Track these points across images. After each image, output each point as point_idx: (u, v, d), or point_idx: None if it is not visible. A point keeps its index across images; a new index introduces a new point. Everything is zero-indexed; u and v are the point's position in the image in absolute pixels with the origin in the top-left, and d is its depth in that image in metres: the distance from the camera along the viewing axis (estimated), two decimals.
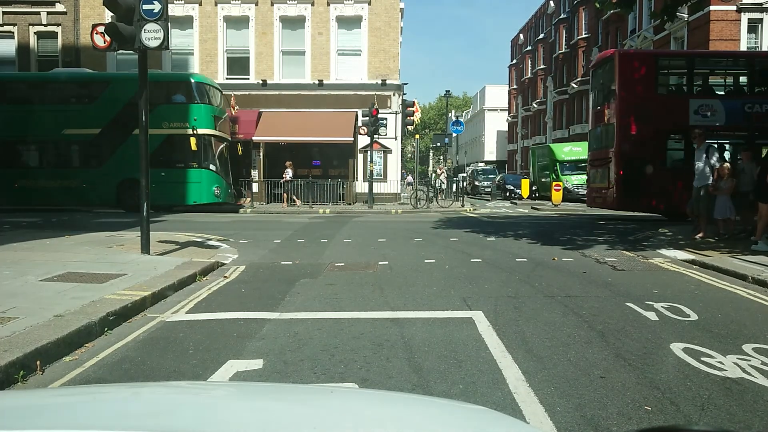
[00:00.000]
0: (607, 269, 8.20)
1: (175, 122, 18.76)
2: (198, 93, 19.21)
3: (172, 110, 18.95)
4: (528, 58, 60.95)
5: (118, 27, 8.23)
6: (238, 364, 4.15)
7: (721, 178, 10.33)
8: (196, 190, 19.05)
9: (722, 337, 4.80)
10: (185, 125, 18.68)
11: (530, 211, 22.44)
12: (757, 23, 24.17)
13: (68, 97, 19.91)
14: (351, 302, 6.13)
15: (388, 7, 24.29)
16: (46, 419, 1.24)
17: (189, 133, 18.60)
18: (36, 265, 7.53)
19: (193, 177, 19.02)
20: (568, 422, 3.18)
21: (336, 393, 1.86)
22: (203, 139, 18.92)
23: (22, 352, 3.97)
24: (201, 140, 18.80)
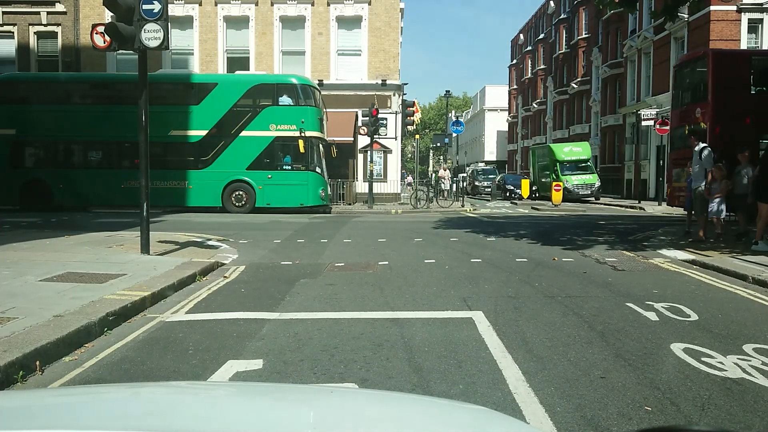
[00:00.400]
0: (607, 269, 8.19)
1: (282, 124, 18.68)
2: (304, 95, 19.20)
3: (280, 112, 18.91)
4: (528, 58, 60.95)
5: (118, 27, 8.22)
6: (237, 364, 4.14)
7: (714, 180, 10.30)
8: (303, 192, 19.01)
9: (722, 337, 4.80)
10: (292, 127, 18.59)
11: (530, 211, 22.44)
12: (757, 23, 24.16)
13: (175, 98, 19.95)
14: (351, 302, 6.13)
15: (388, 7, 24.29)
16: (45, 419, 1.24)
17: (297, 135, 18.54)
18: (36, 265, 7.53)
19: (300, 179, 18.94)
20: (568, 422, 3.17)
21: (336, 393, 1.86)
22: (310, 141, 18.87)
23: (22, 352, 3.96)
24: (308, 142, 18.75)
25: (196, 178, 19.00)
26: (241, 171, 18.77)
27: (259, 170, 18.79)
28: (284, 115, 18.79)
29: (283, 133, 18.64)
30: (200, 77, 20.41)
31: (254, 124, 18.74)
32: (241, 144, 18.76)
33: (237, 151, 18.78)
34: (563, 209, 22.65)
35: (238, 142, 18.78)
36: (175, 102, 19.69)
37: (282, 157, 19.11)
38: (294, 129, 18.54)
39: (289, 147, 18.84)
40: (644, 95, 29.87)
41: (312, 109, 19.18)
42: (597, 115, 40.29)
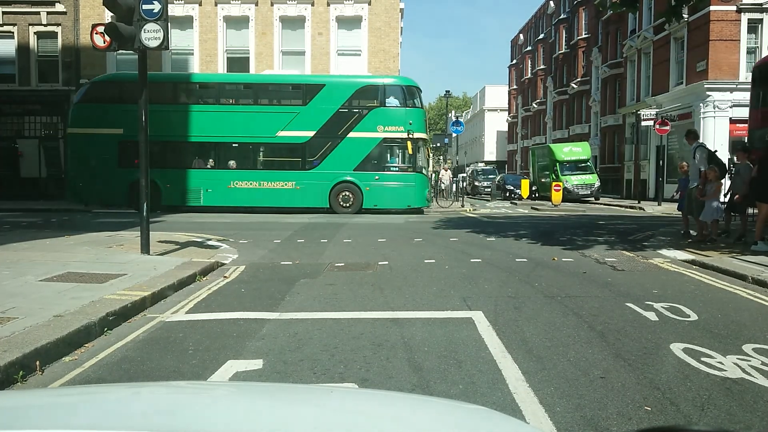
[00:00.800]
0: (607, 269, 8.20)
1: (389, 125, 18.71)
2: (411, 96, 19.25)
3: (387, 113, 18.94)
4: (528, 59, 60.95)
5: (118, 27, 8.22)
6: (237, 364, 4.14)
7: (709, 181, 10.24)
8: (410, 193, 19.07)
9: (722, 337, 4.80)
10: (400, 129, 18.65)
11: (530, 211, 22.44)
12: (757, 23, 24.14)
13: (282, 99, 20.05)
14: (351, 302, 6.13)
15: (388, 7, 24.29)
16: (45, 419, 1.24)
17: (404, 136, 18.62)
18: (36, 265, 7.53)
19: (408, 181, 18.99)
20: (568, 422, 3.17)
21: (336, 393, 1.86)
22: (417, 142, 18.92)
23: (22, 352, 3.96)
24: (415, 144, 18.81)
25: (304, 179, 19.02)
26: (348, 172, 18.86)
27: (366, 171, 18.87)
28: (392, 117, 18.84)
29: (390, 134, 18.73)
30: (308, 78, 20.45)
31: (361, 126, 18.78)
32: (349, 145, 18.84)
33: (344, 153, 18.84)
34: (563, 209, 22.66)
35: (345, 144, 18.83)
36: (283, 103, 19.82)
37: (389, 159, 19.22)
38: (401, 130, 18.62)
39: (397, 148, 19.00)
40: (644, 95, 29.88)
41: (419, 110, 19.32)
42: (597, 115, 40.30)
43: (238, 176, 19.22)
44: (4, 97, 24.41)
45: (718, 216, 10.35)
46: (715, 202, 10.12)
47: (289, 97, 20.01)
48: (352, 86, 19.26)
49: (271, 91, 19.96)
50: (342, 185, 18.87)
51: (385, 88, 19.32)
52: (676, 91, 26.28)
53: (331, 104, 18.90)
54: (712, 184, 10.14)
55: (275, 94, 20.06)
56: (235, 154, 19.70)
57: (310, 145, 19.05)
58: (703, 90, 23.70)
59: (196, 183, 19.14)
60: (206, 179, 19.17)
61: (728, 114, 23.57)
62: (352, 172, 18.83)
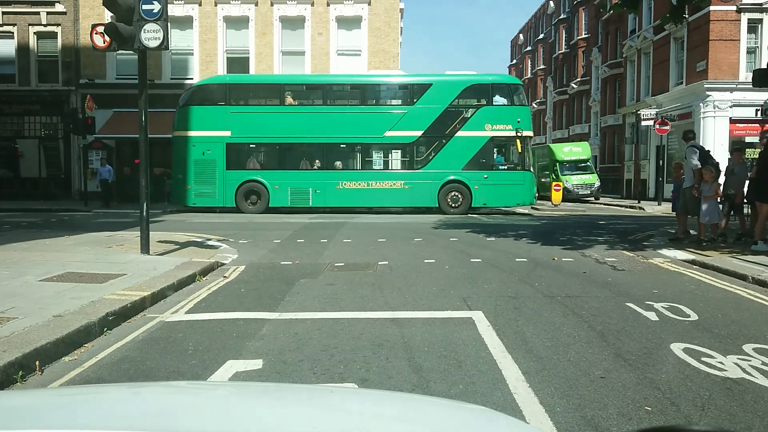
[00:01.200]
0: (607, 269, 8.19)
1: (497, 124, 18.66)
2: (518, 94, 19.26)
3: (495, 112, 18.90)
4: (528, 58, 60.97)
5: (118, 27, 8.21)
6: (237, 364, 4.14)
7: (705, 181, 10.14)
8: (519, 192, 19.05)
9: (722, 337, 4.80)
10: (508, 127, 18.61)
11: (530, 210, 22.43)
12: (757, 23, 24.14)
13: (389, 99, 20.02)
14: (351, 302, 6.13)
15: (388, 7, 24.30)
16: (45, 419, 1.24)
17: (513, 135, 18.57)
18: (35, 265, 7.53)
19: (517, 179, 18.94)
20: (568, 422, 3.17)
21: (336, 393, 1.86)
22: (526, 140, 18.90)
23: (21, 352, 3.96)
24: (524, 142, 18.79)
25: (412, 179, 18.97)
26: (456, 171, 18.83)
27: (475, 170, 18.82)
28: (500, 115, 18.81)
29: (499, 132, 18.69)
30: (416, 78, 20.47)
31: (469, 124, 18.76)
32: (457, 144, 18.81)
33: (452, 152, 18.80)
34: (563, 209, 22.66)
35: (453, 143, 18.79)
36: (390, 103, 19.81)
37: (498, 157, 19.19)
38: (510, 129, 18.58)
39: (505, 147, 18.99)
40: (644, 95, 29.88)
41: (526, 108, 19.39)
42: (597, 115, 40.31)
43: (346, 177, 19.19)
44: (4, 97, 24.41)
45: (717, 219, 10.28)
46: (713, 203, 10.07)
47: (397, 97, 19.97)
48: (460, 85, 19.18)
49: (379, 91, 19.94)
50: (450, 185, 18.81)
51: (492, 86, 19.26)
52: (676, 91, 26.29)
53: (438, 103, 18.83)
54: (709, 185, 10.08)
55: (382, 94, 20.04)
56: (343, 154, 19.77)
57: (417, 144, 19.01)
58: (703, 90, 23.70)
59: (305, 184, 19.09)
60: (315, 180, 19.10)
61: (728, 114, 23.58)
62: (460, 172, 18.79)
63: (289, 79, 21.12)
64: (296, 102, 19.68)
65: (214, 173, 18.88)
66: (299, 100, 19.86)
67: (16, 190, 24.09)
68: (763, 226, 9.24)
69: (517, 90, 19.47)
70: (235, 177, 18.84)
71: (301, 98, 20.06)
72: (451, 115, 18.81)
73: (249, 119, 18.96)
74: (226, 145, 18.88)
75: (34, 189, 24.42)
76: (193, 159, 18.90)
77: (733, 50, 23.91)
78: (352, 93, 20.08)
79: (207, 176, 18.86)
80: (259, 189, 18.93)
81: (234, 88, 19.52)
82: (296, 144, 19.41)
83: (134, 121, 10.11)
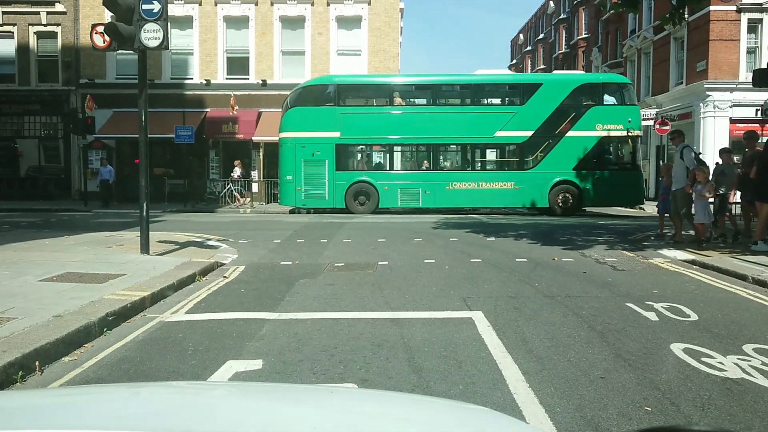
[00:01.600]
0: (607, 269, 8.19)
1: (608, 124, 18.46)
2: (628, 94, 19.09)
3: (606, 112, 18.72)
4: (528, 58, 60.96)
5: (118, 27, 8.22)
6: (237, 364, 4.14)
7: (698, 182, 10.16)
8: (631, 191, 18.92)
9: (722, 337, 4.80)
10: (619, 127, 18.46)
11: (530, 210, 22.40)
12: (757, 23, 24.14)
13: (499, 99, 19.89)
14: (350, 302, 6.13)
15: (388, 7, 24.29)
16: (45, 419, 1.23)
17: (625, 134, 18.45)
18: (35, 265, 7.53)
19: (628, 179, 18.78)
20: (568, 422, 3.17)
21: (336, 393, 1.86)
22: (636, 140, 18.79)
23: (21, 352, 3.96)
24: (636, 141, 18.69)
25: (522, 180, 18.78)
26: (567, 171, 18.64)
27: (586, 170, 18.64)
28: (611, 115, 18.63)
29: (610, 132, 18.53)
30: (526, 78, 20.31)
31: (580, 124, 18.57)
32: (567, 144, 18.62)
33: (563, 152, 18.62)
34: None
35: (563, 143, 18.60)
36: (500, 103, 19.69)
37: (608, 157, 19.07)
38: (621, 129, 18.43)
39: (616, 146, 18.88)
40: (644, 95, 29.87)
41: (636, 107, 19.20)
42: None
43: (456, 177, 19.04)
44: (4, 97, 24.41)
45: (706, 220, 10.30)
46: (704, 203, 10.10)
47: (507, 97, 19.82)
48: (570, 85, 19.05)
49: (488, 92, 19.78)
50: (561, 185, 18.61)
51: (602, 85, 19.13)
52: (676, 91, 26.29)
53: (548, 103, 18.60)
54: (703, 186, 10.11)
55: (492, 94, 19.88)
56: (453, 155, 19.70)
57: (528, 145, 18.83)
58: (703, 90, 23.71)
59: (414, 185, 18.94)
60: (424, 181, 18.94)
61: (728, 114, 23.58)
62: (570, 172, 18.62)
63: (399, 79, 20.92)
64: (405, 102, 19.51)
65: (324, 174, 18.74)
66: (408, 100, 19.69)
67: (15, 191, 24.09)
68: (763, 226, 9.23)
69: (627, 89, 19.19)
70: (344, 178, 18.67)
71: (411, 98, 19.88)
72: (561, 115, 18.57)
73: (358, 120, 18.80)
74: (335, 146, 18.72)
75: (33, 189, 24.42)
76: (302, 160, 18.74)
77: (733, 50, 23.92)
78: (462, 93, 19.92)
79: (316, 177, 18.75)
80: (368, 190, 18.78)
81: (343, 88, 19.31)
82: (405, 144, 19.35)
83: (134, 121, 10.10)
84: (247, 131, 22.85)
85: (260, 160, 23.81)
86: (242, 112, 22.92)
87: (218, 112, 23.15)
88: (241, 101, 23.00)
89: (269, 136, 22.93)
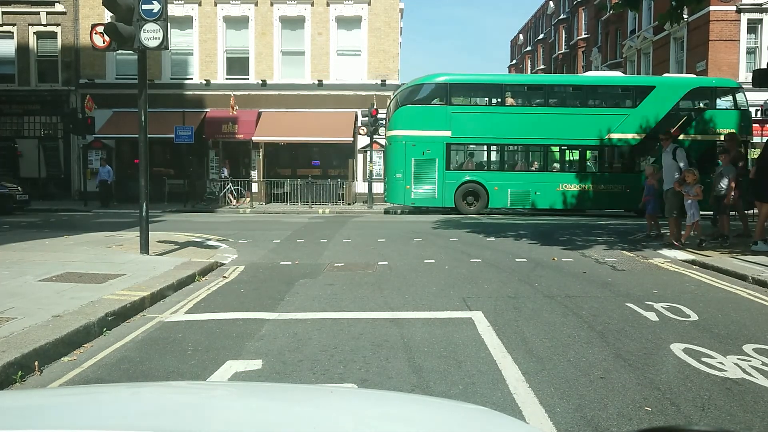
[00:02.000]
0: (606, 269, 8.19)
1: (722, 128, 18.08)
2: (740, 98, 18.85)
3: (719, 116, 18.43)
4: (528, 59, 60.98)
5: (118, 27, 8.21)
6: (237, 364, 4.14)
7: (687, 183, 10.13)
8: None
9: (722, 337, 4.80)
10: (732, 131, 17.87)
11: (530, 210, 22.42)
12: (757, 23, 24.16)
13: (612, 101, 19.71)
14: (350, 302, 6.12)
15: (387, 7, 24.29)
16: (45, 419, 1.23)
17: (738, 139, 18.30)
18: (35, 265, 7.52)
19: None
20: (568, 423, 3.17)
21: (336, 393, 1.86)
22: (747, 145, 18.46)
23: (21, 352, 3.96)
24: (746, 146, 18.29)
25: (634, 182, 18.21)
26: None
27: None
28: (724, 119, 18.47)
29: (722, 136, 17.99)
30: (638, 80, 20.13)
31: (693, 128, 18.43)
32: None
33: None
34: None
35: None
36: (612, 105, 19.52)
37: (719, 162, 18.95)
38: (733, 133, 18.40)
39: None
40: None
41: (748, 112, 19.00)
42: None
43: (567, 179, 18.92)
44: (4, 97, 24.40)
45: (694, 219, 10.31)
46: (694, 203, 10.11)
47: (619, 99, 19.65)
48: (683, 87, 18.88)
49: (601, 93, 19.62)
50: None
51: (716, 89, 18.96)
52: None
53: (661, 106, 18.41)
54: (691, 186, 10.12)
55: (604, 96, 19.69)
56: (564, 156, 19.58)
57: (640, 147, 18.70)
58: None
59: (525, 185, 18.85)
60: (535, 182, 18.84)
61: None
62: None
63: (511, 79, 20.84)
64: (516, 103, 19.39)
65: (434, 173, 18.66)
66: (519, 101, 19.56)
67: None
68: (763, 226, 9.23)
69: (739, 93, 18.82)
70: (454, 177, 18.58)
71: (522, 99, 19.73)
72: (674, 118, 18.36)
73: (469, 119, 18.73)
74: (445, 145, 18.66)
75: (33, 189, 24.41)
76: (413, 158, 18.67)
77: (733, 50, 23.94)
78: (574, 94, 19.76)
79: (426, 176, 18.68)
80: (477, 190, 18.73)
81: (454, 87, 19.20)
82: (516, 145, 19.20)
83: (134, 121, 10.09)
84: (246, 131, 22.85)
85: (260, 160, 23.79)
86: (242, 112, 22.91)
87: (218, 112, 23.14)
88: (240, 101, 23.00)
89: (269, 136, 22.96)
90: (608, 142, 18.78)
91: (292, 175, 23.65)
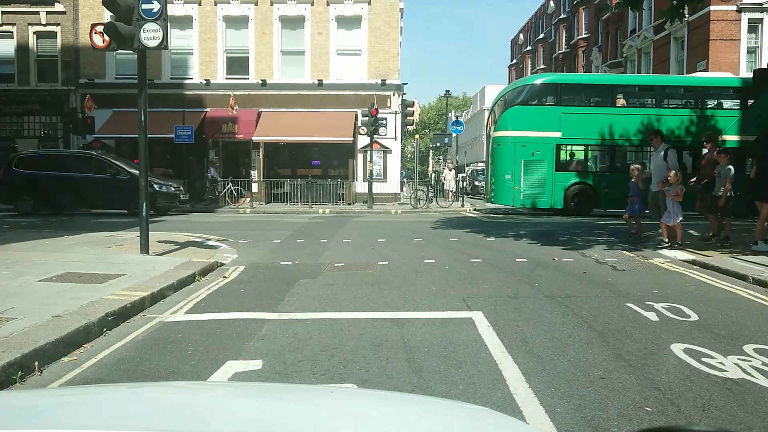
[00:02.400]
0: (607, 269, 8.19)
1: None
2: None
3: None
4: (528, 58, 60.99)
5: (117, 27, 8.21)
6: (237, 364, 4.13)
7: (670, 183, 10.11)
8: None
9: (723, 337, 4.79)
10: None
11: (530, 211, 22.42)
12: (757, 23, 24.17)
13: (723, 101, 19.44)
14: (350, 302, 6.12)
15: (388, 7, 24.28)
16: (45, 419, 1.23)
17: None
18: (35, 265, 7.52)
19: None
20: (568, 423, 3.17)
21: (336, 393, 1.85)
22: None
23: (21, 352, 3.95)
24: None
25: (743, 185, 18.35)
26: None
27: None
28: None
29: None
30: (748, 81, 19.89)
31: None
32: None
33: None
34: None
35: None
36: (722, 106, 19.21)
37: None
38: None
39: None
40: None
41: None
42: None
43: None
44: (3, 96, 24.39)
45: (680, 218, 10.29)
46: (676, 204, 10.09)
47: (730, 100, 19.38)
48: None
49: (712, 94, 19.35)
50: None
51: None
52: None
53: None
54: (673, 187, 10.10)
55: (716, 96, 19.44)
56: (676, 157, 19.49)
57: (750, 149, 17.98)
58: None
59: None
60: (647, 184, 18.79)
61: None
62: None
63: (622, 79, 20.43)
64: (629, 104, 19.14)
65: (543, 174, 18.48)
66: (630, 102, 19.31)
67: None
68: (764, 226, 9.23)
69: None
70: (563, 179, 18.40)
71: (633, 100, 19.41)
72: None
73: (580, 120, 18.44)
74: (555, 146, 18.49)
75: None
76: (522, 159, 18.54)
77: (734, 50, 23.94)
78: (685, 95, 19.49)
79: (536, 177, 18.51)
80: (587, 191, 18.59)
81: (565, 88, 19.05)
82: (627, 146, 18.88)
83: (134, 120, 10.09)
84: (246, 131, 22.85)
85: (260, 160, 23.79)
86: (242, 112, 22.91)
87: (218, 112, 23.14)
88: (240, 101, 23.00)
89: (269, 136, 22.96)
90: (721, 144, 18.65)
91: (292, 175, 23.65)
